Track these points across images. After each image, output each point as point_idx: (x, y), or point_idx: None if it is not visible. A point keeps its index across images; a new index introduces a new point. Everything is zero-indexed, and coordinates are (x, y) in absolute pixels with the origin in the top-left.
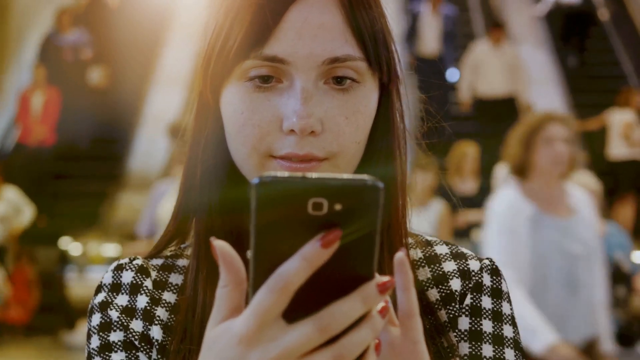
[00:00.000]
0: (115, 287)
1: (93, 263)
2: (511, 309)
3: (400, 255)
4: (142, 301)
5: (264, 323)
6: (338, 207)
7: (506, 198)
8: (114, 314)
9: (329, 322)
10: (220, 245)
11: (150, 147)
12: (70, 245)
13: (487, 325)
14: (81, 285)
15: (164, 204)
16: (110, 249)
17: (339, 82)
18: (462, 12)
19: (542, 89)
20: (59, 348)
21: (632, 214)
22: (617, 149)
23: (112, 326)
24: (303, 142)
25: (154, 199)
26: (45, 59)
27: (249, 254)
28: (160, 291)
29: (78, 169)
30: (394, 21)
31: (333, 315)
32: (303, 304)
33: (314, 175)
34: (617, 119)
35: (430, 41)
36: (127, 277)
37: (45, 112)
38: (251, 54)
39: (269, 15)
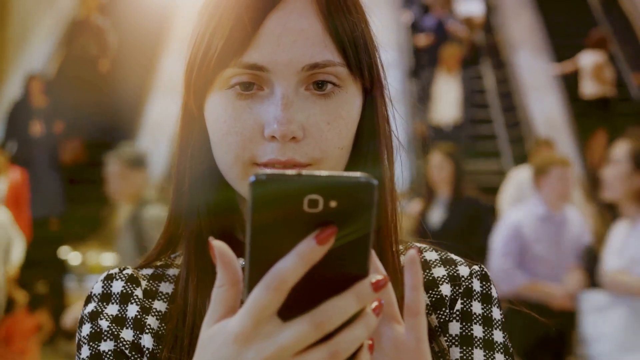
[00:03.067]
0: (105, 297)
1: (92, 272)
2: (501, 314)
3: (412, 253)
4: (132, 310)
5: (260, 321)
6: (333, 204)
7: None
8: (104, 324)
9: (323, 320)
10: (219, 245)
11: (150, 154)
12: (69, 255)
13: (477, 330)
14: (80, 294)
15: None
16: (109, 258)
17: (320, 87)
18: (473, 67)
19: (541, 94)
20: (57, 357)
21: (604, 148)
22: (589, 88)
23: (103, 336)
24: (285, 149)
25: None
26: (12, 132)
27: (242, 260)
28: (150, 300)
29: (50, 253)
30: (380, 29)
31: (328, 313)
32: (298, 301)
33: (309, 172)
34: (588, 60)
35: (448, 107)
36: (117, 286)
37: (10, 200)
38: (231, 62)
39: (248, 23)
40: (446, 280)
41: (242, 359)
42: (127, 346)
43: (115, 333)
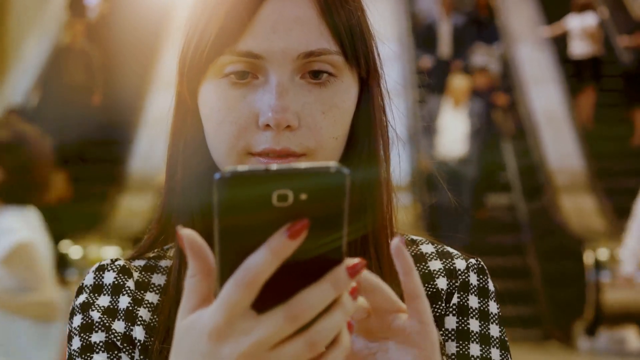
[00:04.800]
0: (97, 288)
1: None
2: (498, 308)
3: (395, 241)
4: (124, 302)
5: (232, 317)
6: (303, 196)
7: None
8: (95, 315)
9: (299, 311)
10: (188, 234)
11: (151, 149)
12: (70, 249)
13: (474, 325)
14: None
15: None
16: (110, 252)
17: (315, 76)
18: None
19: (542, 87)
20: None
21: (592, 104)
22: (579, 49)
23: (94, 327)
24: (280, 138)
25: None
26: None
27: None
28: (142, 292)
29: None
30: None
31: (303, 303)
32: (273, 293)
33: (277, 166)
34: (576, 22)
35: (455, 142)
36: (109, 277)
37: None
38: (226, 49)
39: (243, 10)
40: (442, 274)
41: (218, 355)
42: (118, 338)
43: (107, 324)
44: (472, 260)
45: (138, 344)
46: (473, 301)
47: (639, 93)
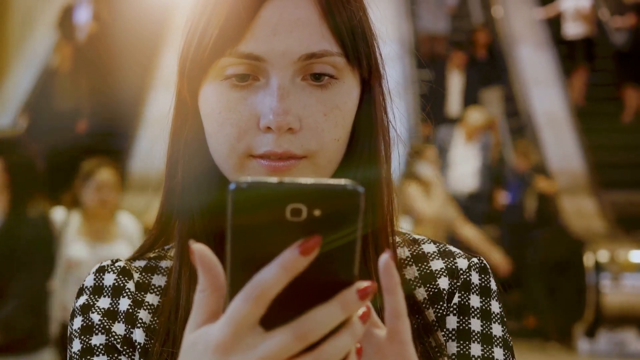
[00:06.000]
0: (97, 290)
1: None
2: (500, 308)
3: (384, 257)
4: (124, 304)
5: (240, 331)
6: (317, 212)
7: None
8: (95, 317)
9: (307, 330)
10: (199, 249)
11: (152, 148)
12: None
13: (475, 324)
14: None
15: None
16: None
17: (316, 78)
18: None
19: (543, 89)
20: None
21: (584, 83)
22: (573, 29)
23: (94, 329)
24: (281, 140)
25: None
26: None
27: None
28: (142, 293)
29: None
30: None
31: (311, 322)
32: (282, 310)
33: (292, 180)
34: (570, 3)
35: (465, 176)
36: (109, 279)
37: None
38: (226, 51)
39: (244, 11)
40: (444, 274)
41: None
42: (118, 340)
43: (107, 327)
44: (475, 259)
45: (138, 346)
46: (475, 300)
47: (630, 73)
